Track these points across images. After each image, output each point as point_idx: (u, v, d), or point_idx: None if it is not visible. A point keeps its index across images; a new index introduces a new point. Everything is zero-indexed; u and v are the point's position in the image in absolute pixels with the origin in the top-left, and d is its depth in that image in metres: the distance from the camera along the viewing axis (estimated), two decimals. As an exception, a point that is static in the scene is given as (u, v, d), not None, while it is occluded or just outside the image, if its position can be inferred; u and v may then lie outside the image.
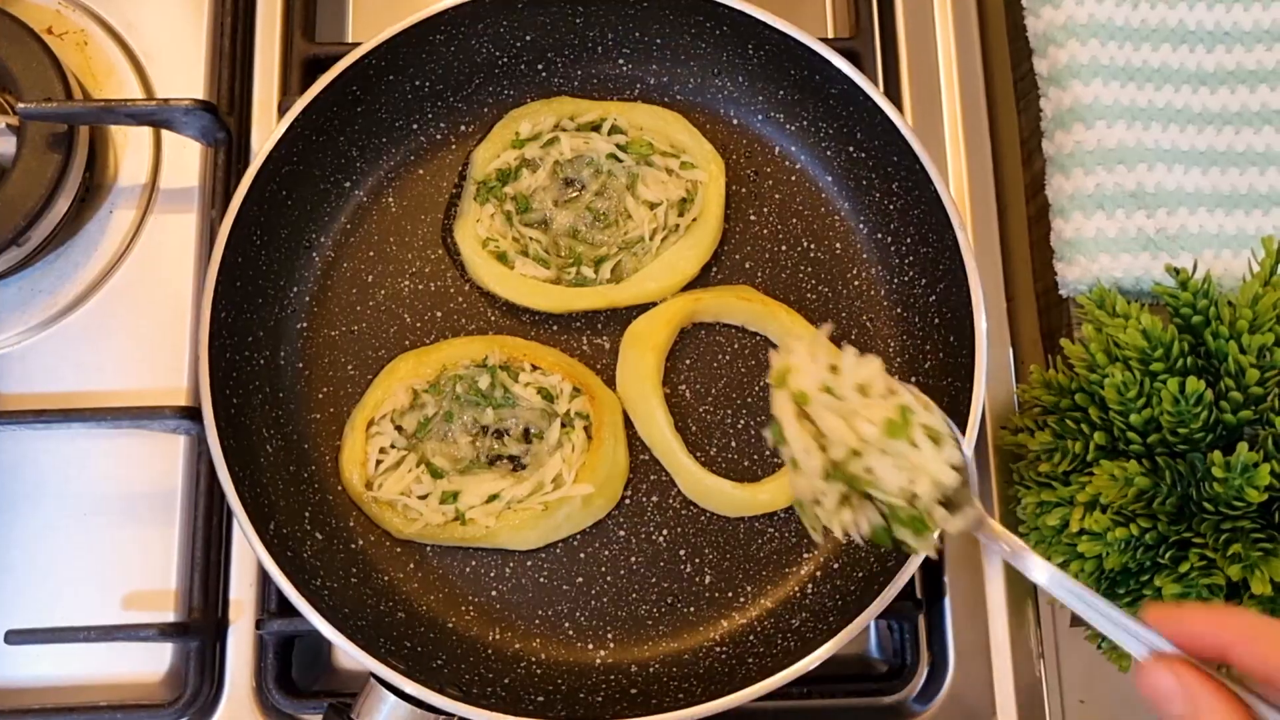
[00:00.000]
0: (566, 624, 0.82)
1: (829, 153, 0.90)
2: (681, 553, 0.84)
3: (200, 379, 0.77)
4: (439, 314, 0.88)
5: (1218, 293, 0.76)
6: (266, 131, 0.92)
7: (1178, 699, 0.43)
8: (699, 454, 0.84)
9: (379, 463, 0.82)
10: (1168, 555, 0.72)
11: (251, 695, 0.84)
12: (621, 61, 0.92)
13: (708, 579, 0.83)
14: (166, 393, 0.88)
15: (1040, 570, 0.57)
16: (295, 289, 0.87)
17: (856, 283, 0.89)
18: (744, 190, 0.91)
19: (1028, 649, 0.85)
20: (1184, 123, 0.89)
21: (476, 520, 0.81)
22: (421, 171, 0.91)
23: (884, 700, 0.85)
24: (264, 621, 0.83)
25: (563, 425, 0.82)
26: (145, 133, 0.94)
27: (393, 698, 0.73)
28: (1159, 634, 0.47)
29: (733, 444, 0.85)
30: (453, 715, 0.72)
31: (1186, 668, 0.44)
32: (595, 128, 0.89)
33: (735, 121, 0.92)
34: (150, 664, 0.85)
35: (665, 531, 0.84)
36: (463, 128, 0.92)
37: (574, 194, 0.88)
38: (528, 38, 0.89)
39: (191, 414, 0.83)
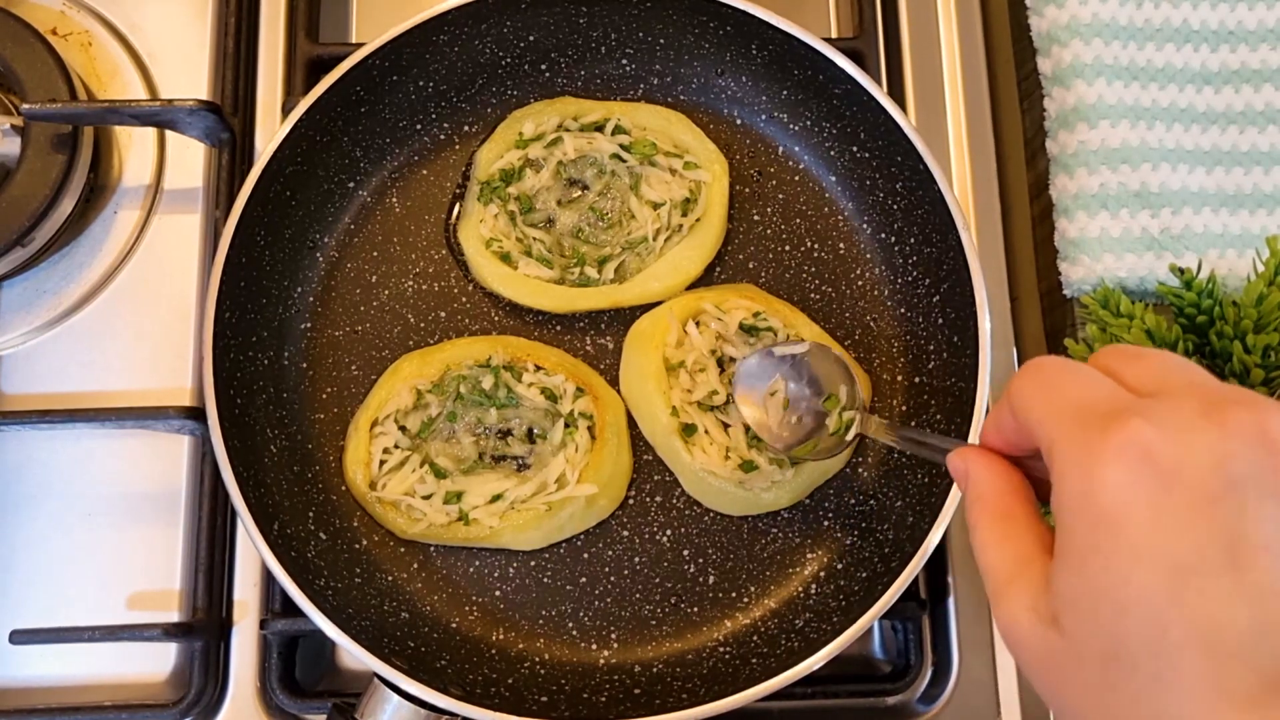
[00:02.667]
0: (570, 624, 0.82)
1: (833, 153, 0.90)
2: (685, 553, 0.84)
3: (204, 379, 0.77)
4: (442, 314, 0.88)
5: (1222, 293, 0.76)
6: (270, 132, 0.92)
7: (960, 474, 0.52)
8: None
9: (383, 463, 0.82)
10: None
11: (255, 695, 0.84)
12: (625, 61, 0.92)
13: (711, 579, 0.83)
14: (170, 393, 0.88)
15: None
16: (299, 289, 0.87)
17: (860, 283, 0.89)
18: (747, 190, 0.91)
19: (1032, 649, 0.85)
20: (1188, 122, 0.89)
21: (480, 520, 0.81)
22: (425, 172, 0.91)
23: (887, 701, 0.84)
24: (268, 622, 0.83)
25: (566, 425, 0.82)
26: (149, 133, 0.94)
27: (396, 698, 0.73)
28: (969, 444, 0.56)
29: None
30: (456, 715, 0.72)
31: (973, 450, 0.53)
32: (599, 128, 0.89)
33: (739, 121, 0.92)
34: (154, 664, 0.85)
35: (669, 531, 0.84)
36: (466, 128, 0.92)
37: (577, 194, 0.88)
38: (531, 38, 0.90)
39: (195, 414, 0.83)
